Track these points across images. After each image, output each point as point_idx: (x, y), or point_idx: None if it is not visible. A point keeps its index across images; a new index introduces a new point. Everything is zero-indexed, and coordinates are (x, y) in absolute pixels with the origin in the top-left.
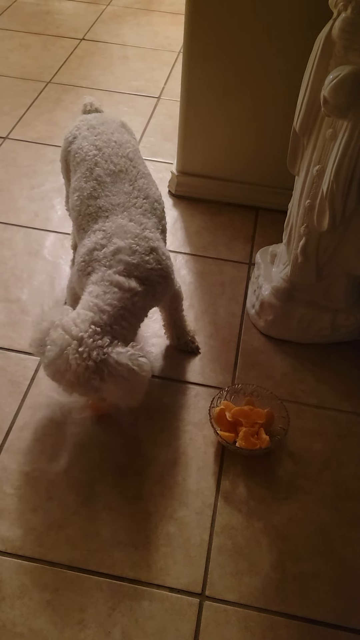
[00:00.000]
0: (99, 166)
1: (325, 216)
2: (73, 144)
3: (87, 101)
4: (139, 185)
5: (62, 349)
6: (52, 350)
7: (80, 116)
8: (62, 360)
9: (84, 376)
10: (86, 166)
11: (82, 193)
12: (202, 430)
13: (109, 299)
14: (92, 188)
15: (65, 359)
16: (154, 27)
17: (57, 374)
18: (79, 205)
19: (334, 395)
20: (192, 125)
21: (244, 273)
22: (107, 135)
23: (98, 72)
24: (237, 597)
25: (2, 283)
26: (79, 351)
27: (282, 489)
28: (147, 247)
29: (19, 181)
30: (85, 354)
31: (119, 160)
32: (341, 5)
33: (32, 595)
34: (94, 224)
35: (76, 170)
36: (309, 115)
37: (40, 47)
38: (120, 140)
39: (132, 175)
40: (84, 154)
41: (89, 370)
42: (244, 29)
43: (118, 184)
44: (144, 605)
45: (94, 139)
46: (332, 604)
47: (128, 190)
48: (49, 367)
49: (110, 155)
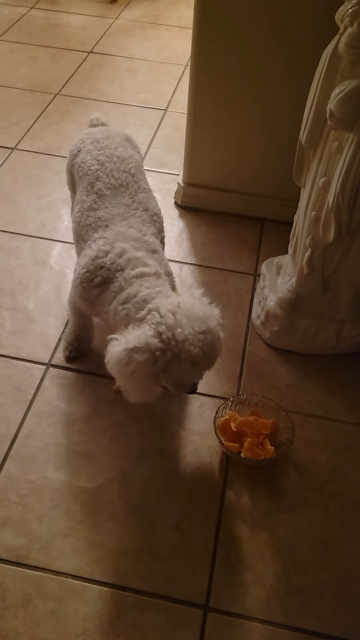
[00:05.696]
0: (100, 180)
1: (330, 228)
2: (77, 157)
3: (94, 116)
4: (138, 199)
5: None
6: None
7: (87, 129)
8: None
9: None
10: (88, 180)
11: (82, 206)
12: (207, 441)
13: (150, 288)
14: (92, 201)
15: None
16: (162, 41)
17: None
18: (79, 217)
19: (339, 406)
20: (198, 137)
21: (249, 284)
22: (111, 150)
23: (106, 84)
24: (242, 608)
25: (9, 292)
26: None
27: (286, 500)
28: (150, 249)
29: (26, 191)
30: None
31: (120, 175)
32: (347, 21)
33: (36, 605)
34: (93, 233)
35: (79, 184)
36: (315, 128)
37: (49, 60)
38: (123, 155)
39: (133, 189)
40: (87, 168)
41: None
42: (250, 43)
43: (118, 197)
44: (148, 616)
45: (97, 153)
46: (337, 616)
47: (128, 202)
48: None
49: (112, 170)
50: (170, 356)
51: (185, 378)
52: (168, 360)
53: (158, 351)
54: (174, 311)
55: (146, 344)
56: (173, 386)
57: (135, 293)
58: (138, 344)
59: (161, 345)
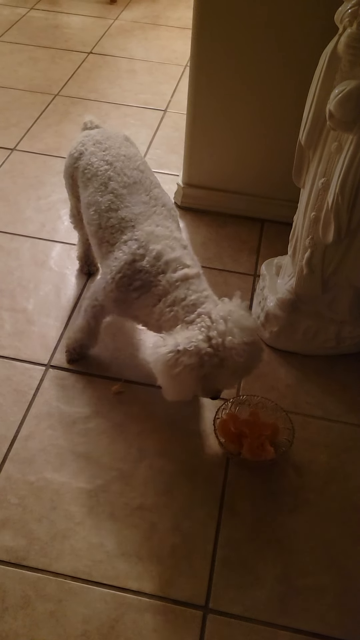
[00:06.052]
0: (113, 180)
1: (330, 228)
2: (80, 160)
3: (87, 119)
4: (154, 195)
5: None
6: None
7: (83, 132)
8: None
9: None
10: (99, 181)
11: (99, 207)
12: (207, 442)
13: (198, 292)
14: (109, 201)
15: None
16: (161, 41)
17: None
18: (97, 219)
19: (339, 407)
20: (198, 138)
21: (249, 284)
22: (115, 150)
23: (105, 85)
24: (241, 610)
25: (8, 293)
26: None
27: (286, 501)
28: (181, 246)
29: (26, 192)
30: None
31: (132, 172)
32: (347, 21)
33: (35, 606)
34: (120, 235)
35: (87, 186)
36: (315, 129)
37: (49, 61)
38: (129, 154)
39: (146, 185)
40: (95, 169)
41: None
42: (250, 43)
43: (135, 194)
44: (147, 618)
45: (102, 154)
46: (337, 618)
47: (145, 200)
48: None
49: (122, 168)
50: (217, 362)
51: (220, 384)
52: (214, 365)
53: (206, 356)
54: (226, 318)
55: (196, 347)
56: (205, 389)
57: (183, 297)
58: (188, 346)
59: (210, 350)
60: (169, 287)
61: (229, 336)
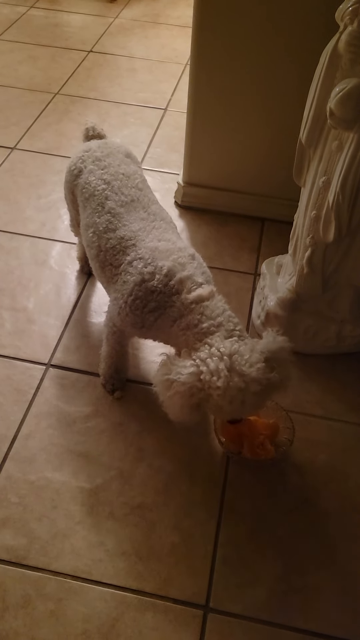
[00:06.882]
0: (110, 199)
1: (331, 227)
2: (79, 178)
3: (89, 125)
4: (152, 210)
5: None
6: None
7: (84, 145)
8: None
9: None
10: (97, 201)
11: (97, 228)
12: (207, 441)
13: (212, 319)
14: (107, 222)
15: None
16: (162, 40)
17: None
18: (96, 241)
19: (339, 406)
20: (198, 137)
21: (249, 284)
22: (114, 168)
23: (106, 83)
24: (242, 609)
25: (8, 292)
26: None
27: (287, 501)
28: (188, 255)
29: (26, 191)
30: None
31: (129, 191)
32: (347, 19)
33: (35, 605)
34: (123, 256)
35: (86, 206)
36: (315, 127)
37: (49, 59)
38: (128, 172)
39: (144, 203)
40: (92, 189)
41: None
42: (250, 41)
43: (132, 212)
44: (147, 617)
45: (100, 172)
46: (337, 617)
47: (144, 216)
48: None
49: (120, 187)
50: (204, 396)
51: (226, 414)
52: (202, 399)
53: (194, 389)
54: (223, 357)
55: (185, 379)
56: (214, 413)
57: (196, 323)
58: (176, 377)
59: (198, 384)
60: (184, 309)
61: (215, 377)
